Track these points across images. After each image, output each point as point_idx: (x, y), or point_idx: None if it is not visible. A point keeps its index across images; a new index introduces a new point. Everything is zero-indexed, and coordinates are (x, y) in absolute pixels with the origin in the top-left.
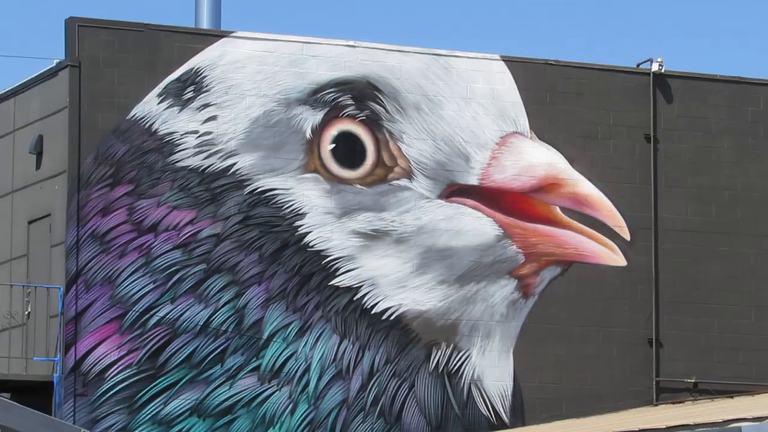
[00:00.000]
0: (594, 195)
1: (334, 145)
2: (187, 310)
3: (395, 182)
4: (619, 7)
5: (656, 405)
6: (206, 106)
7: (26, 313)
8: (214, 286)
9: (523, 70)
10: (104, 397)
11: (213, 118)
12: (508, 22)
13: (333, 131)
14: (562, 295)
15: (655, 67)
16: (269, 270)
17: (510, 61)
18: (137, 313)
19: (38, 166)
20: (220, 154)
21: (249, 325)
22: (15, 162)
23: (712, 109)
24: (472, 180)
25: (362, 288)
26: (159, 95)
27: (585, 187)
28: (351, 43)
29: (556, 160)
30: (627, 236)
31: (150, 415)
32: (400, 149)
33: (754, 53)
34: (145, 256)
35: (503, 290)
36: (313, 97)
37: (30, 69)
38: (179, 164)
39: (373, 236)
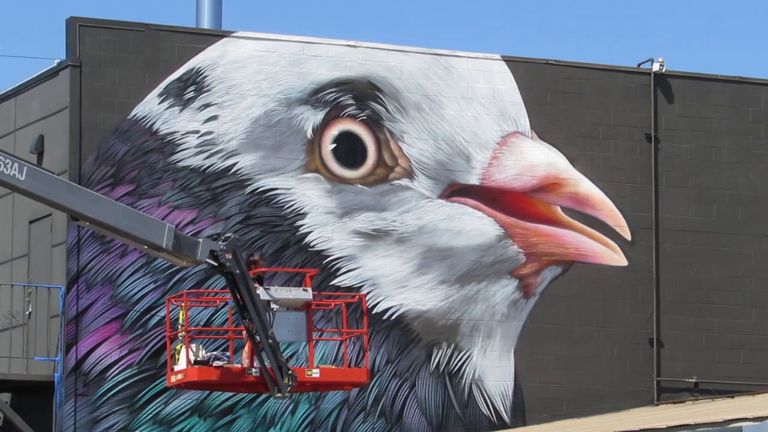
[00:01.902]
0: (595, 195)
1: (335, 145)
2: (187, 310)
3: (396, 182)
4: (619, 7)
5: (657, 405)
6: (207, 105)
7: (27, 313)
8: (215, 286)
9: (523, 70)
10: (105, 397)
11: (214, 117)
12: (509, 22)
13: (334, 131)
14: (562, 294)
15: (656, 67)
16: None
17: (511, 61)
18: (138, 313)
19: (39, 165)
20: (221, 154)
21: None
22: None
23: (713, 109)
24: (473, 180)
25: (363, 288)
26: (160, 95)
27: (586, 186)
28: (352, 43)
29: (557, 160)
30: (628, 236)
31: (151, 415)
32: (401, 149)
33: (754, 53)
34: (146, 256)
35: (504, 290)
36: (314, 97)
37: (31, 69)
38: (180, 164)
39: (374, 236)
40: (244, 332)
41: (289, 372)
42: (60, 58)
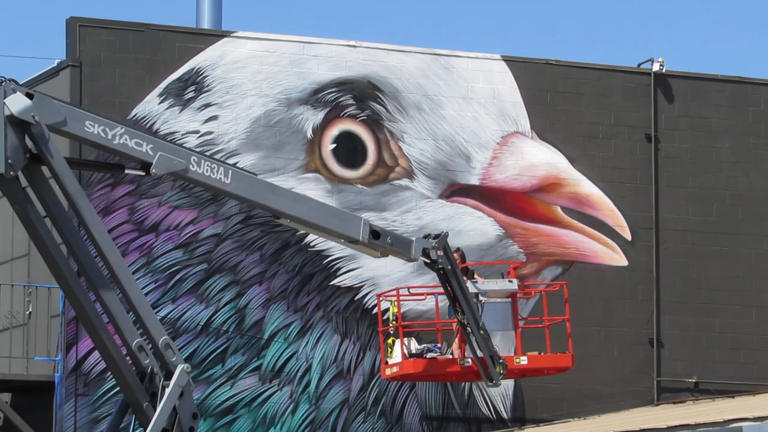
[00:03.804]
0: (595, 195)
1: (335, 145)
2: (188, 309)
3: (396, 182)
4: (619, 7)
5: (657, 405)
6: (207, 106)
7: (27, 312)
8: (215, 286)
9: (523, 70)
10: (105, 397)
11: (214, 117)
12: (509, 22)
13: (334, 131)
14: (563, 294)
15: (656, 67)
16: (270, 270)
17: (511, 61)
18: None
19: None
20: (222, 154)
21: (250, 325)
22: None
23: (713, 108)
24: (473, 180)
25: (363, 288)
26: (160, 95)
27: (586, 186)
28: (352, 43)
29: (557, 160)
30: (628, 236)
31: None
32: (401, 149)
33: (754, 53)
34: (146, 256)
35: None
36: (314, 97)
37: (31, 69)
38: None
39: None
40: (454, 324)
41: (500, 360)
42: (60, 58)
